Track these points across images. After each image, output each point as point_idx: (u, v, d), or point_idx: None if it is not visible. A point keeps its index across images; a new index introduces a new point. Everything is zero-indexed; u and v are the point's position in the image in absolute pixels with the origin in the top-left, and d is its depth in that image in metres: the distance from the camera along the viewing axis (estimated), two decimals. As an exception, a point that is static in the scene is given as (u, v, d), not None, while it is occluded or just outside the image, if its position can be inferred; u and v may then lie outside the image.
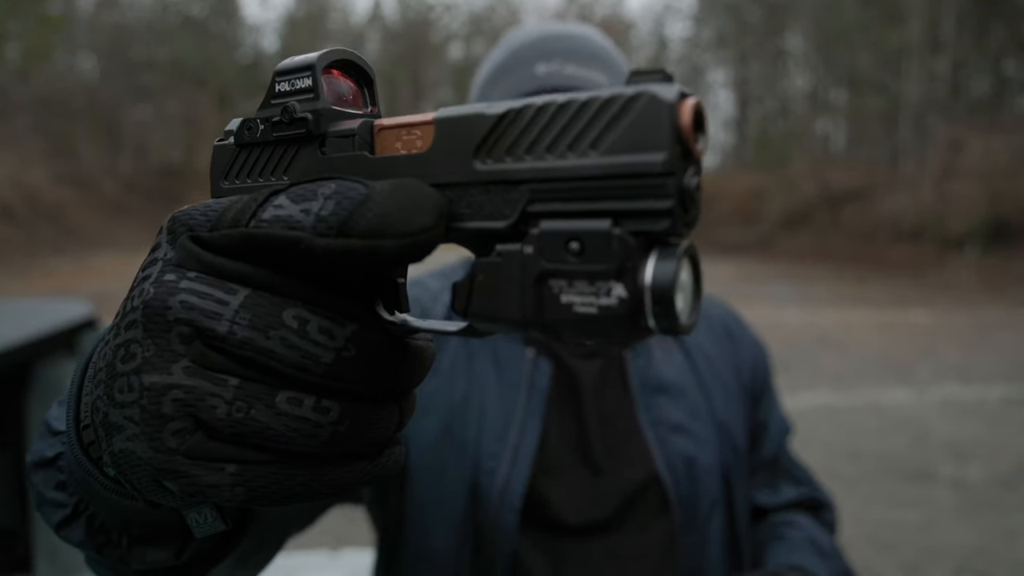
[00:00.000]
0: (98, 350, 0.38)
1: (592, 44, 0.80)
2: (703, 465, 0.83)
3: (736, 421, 0.89)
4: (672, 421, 0.84)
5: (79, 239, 26.31)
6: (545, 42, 0.79)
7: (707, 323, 0.94)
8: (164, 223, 0.35)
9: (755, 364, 0.95)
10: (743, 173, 38.35)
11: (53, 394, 1.99)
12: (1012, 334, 10.70)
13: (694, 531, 0.82)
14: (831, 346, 9.45)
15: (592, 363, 0.86)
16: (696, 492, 0.82)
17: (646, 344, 0.88)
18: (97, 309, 2.09)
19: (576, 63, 0.76)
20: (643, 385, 0.85)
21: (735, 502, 0.86)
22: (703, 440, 0.84)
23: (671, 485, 0.81)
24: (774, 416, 0.97)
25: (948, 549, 3.97)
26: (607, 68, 0.78)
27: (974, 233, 19.21)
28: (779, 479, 0.95)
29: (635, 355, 0.87)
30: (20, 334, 1.68)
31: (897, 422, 6.22)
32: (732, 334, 0.95)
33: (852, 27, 27.32)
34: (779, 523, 0.93)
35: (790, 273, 21.54)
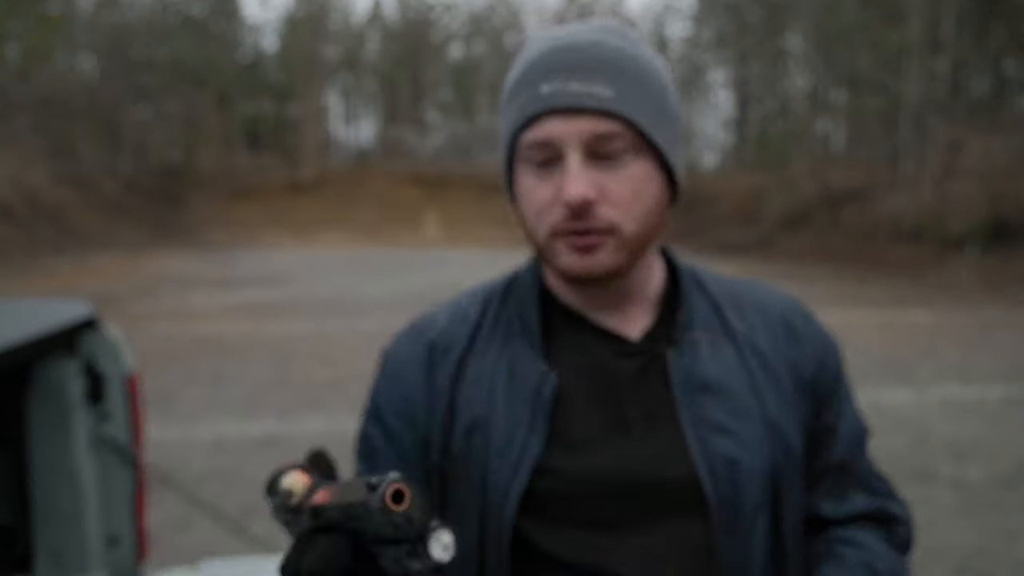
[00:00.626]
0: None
1: (599, 53, 0.77)
2: (746, 467, 0.81)
3: (791, 423, 0.85)
4: (714, 421, 0.82)
5: (79, 239, 26.30)
6: (550, 58, 0.78)
7: (764, 318, 0.90)
8: None
9: (821, 362, 0.90)
10: (743, 173, 38.37)
11: (54, 393, 1.99)
12: (1012, 334, 10.70)
13: (735, 535, 0.80)
14: (831, 346, 9.44)
15: (632, 361, 0.85)
16: (737, 495, 0.80)
17: (692, 340, 0.85)
18: (97, 309, 2.09)
19: (579, 79, 0.76)
20: (685, 383, 0.82)
21: (783, 508, 0.83)
22: (748, 442, 0.81)
23: (710, 486, 0.79)
24: (845, 419, 0.91)
25: (948, 549, 3.97)
26: (615, 76, 0.77)
27: (974, 233, 19.21)
28: (848, 488, 0.89)
29: (679, 353, 0.84)
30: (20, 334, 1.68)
31: (897, 422, 6.22)
32: (794, 329, 0.90)
33: (852, 27, 27.32)
34: (837, 539, 0.88)
35: (790, 273, 21.54)
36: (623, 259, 0.80)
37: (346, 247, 32.47)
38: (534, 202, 0.80)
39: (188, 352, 8.83)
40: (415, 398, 0.87)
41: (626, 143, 0.78)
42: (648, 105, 0.79)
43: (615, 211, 0.78)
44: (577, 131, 0.76)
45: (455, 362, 0.87)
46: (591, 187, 0.76)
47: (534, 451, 0.81)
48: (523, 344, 0.86)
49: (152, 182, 37.93)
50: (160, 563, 3.73)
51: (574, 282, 0.83)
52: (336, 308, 12.71)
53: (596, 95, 0.76)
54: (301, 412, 6.36)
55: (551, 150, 0.77)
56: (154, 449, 5.40)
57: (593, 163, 0.77)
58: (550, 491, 0.81)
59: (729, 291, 0.93)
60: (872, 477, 0.93)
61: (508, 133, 0.82)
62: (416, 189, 42.56)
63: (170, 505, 4.46)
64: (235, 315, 11.98)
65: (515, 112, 0.80)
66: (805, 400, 0.88)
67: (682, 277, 0.90)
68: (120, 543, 2.09)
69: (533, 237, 0.82)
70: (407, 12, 56.48)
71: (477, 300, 0.92)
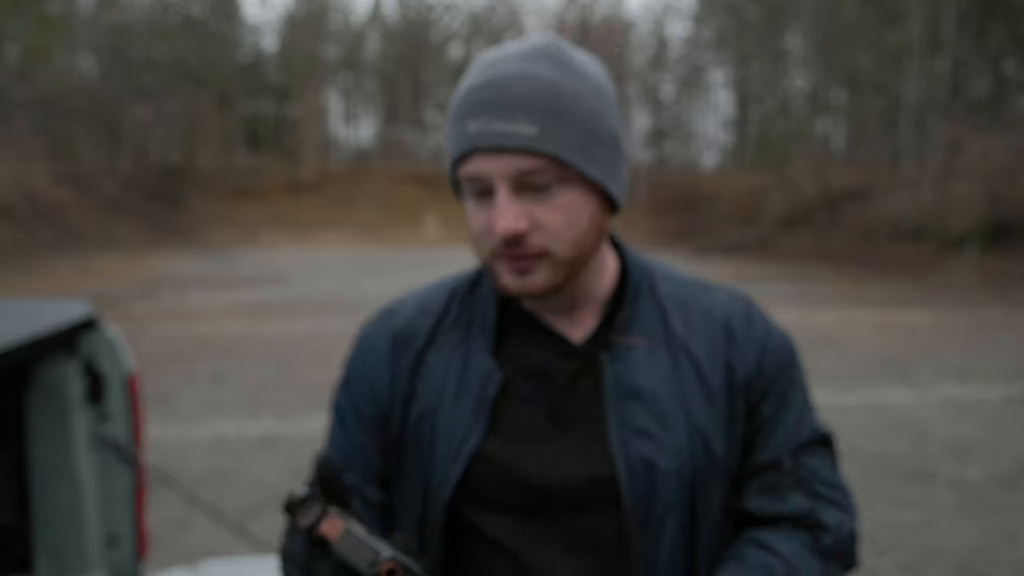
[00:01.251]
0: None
1: (524, 89, 0.79)
2: (662, 469, 0.86)
3: (716, 426, 0.89)
4: (637, 425, 0.87)
5: (79, 239, 26.29)
6: (477, 94, 0.81)
7: (707, 322, 0.91)
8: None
9: (759, 365, 0.93)
10: (743, 173, 38.37)
11: (54, 393, 1.99)
12: (1012, 334, 10.71)
13: (647, 530, 0.86)
14: (831, 346, 9.45)
15: (570, 363, 0.91)
16: (651, 494, 0.86)
17: (628, 345, 0.90)
18: (97, 309, 2.08)
19: (503, 119, 0.79)
20: (615, 389, 0.89)
21: (698, 507, 0.88)
22: (668, 446, 0.86)
23: (627, 485, 0.86)
24: (784, 420, 0.93)
25: (948, 549, 3.97)
26: (538, 113, 0.79)
27: (974, 233, 19.20)
28: (783, 488, 0.92)
29: (612, 359, 0.90)
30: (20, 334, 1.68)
31: (897, 422, 6.22)
32: (733, 334, 0.93)
33: (852, 27, 27.29)
34: (749, 539, 0.91)
35: (790, 273, 21.53)
36: (559, 278, 0.85)
37: (346, 247, 32.48)
38: (474, 227, 0.86)
39: (188, 352, 8.83)
40: (378, 379, 0.96)
41: (552, 176, 0.81)
42: (573, 136, 0.81)
43: (547, 239, 0.82)
44: (502, 168, 0.80)
45: (415, 353, 0.95)
46: (520, 219, 0.81)
47: (473, 441, 0.88)
48: (478, 339, 0.93)
49: (152, 182, 37.91)
50: (160, 563, 3.73)
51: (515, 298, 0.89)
52: (336, 308, 12.71)
53: (518, 134, 0.80)
54: (301, 412, 6.36)
55: (482, 184, 0.82)
56: (154, 449, 5.40)
57: (522, 195, 0.82)
58: (484, 478, 0.88)
59: (679, 295, 0.96)
60: (818, 482, 0.93)
61: (449, 159, 0.87)
62: (416, 189, 42.55)
63: (170, 505, 4.46)
64: (235, 315, 11.97)
65: (452, 143, 0.86)
66: (739, 402, 0.92)
67: (631, 280, 0.94)
68: (120, 543, 2.09)
69: (477, 254, 0.89)
70: (407, 12, 56.47)
71: (445, 291, 1.00)
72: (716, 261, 26.31)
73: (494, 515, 0.89)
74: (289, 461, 5.17)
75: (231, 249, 30.18)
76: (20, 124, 30.68)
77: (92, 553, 2.04)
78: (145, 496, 2.16)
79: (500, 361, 0.92)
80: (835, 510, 0.93)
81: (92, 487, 2.05)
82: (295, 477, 4.84)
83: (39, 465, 2.02)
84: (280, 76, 52.99)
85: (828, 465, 0.96)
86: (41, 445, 2.01)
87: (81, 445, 2.02)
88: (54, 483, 2.01)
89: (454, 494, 0.89)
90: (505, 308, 0.95)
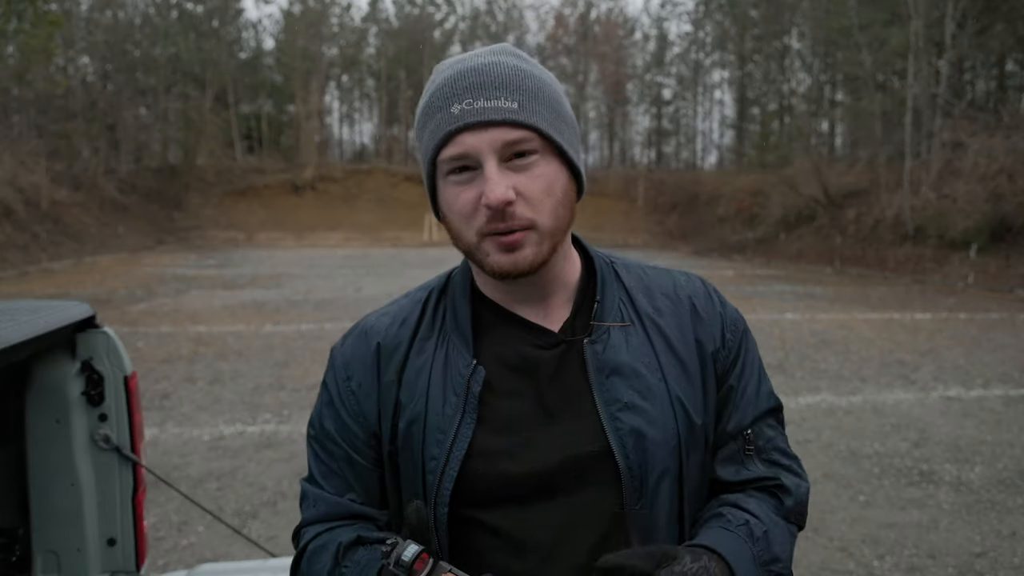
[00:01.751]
0: None
1: (499, 72, 0.88)
2: (652, 438, 0.91)
3: (693, 397, 0.96)
4: (623, 400, 0.92)
5: (78, 239, 26.29)
6: (455, 82, 0.88)
7: (672, 302, 1.01)
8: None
9: (722, 337, 1.01)
10: (743, 173, 38.35)
11: (53, 394, 1.98)
12: (1012, 334, 10.70)
13: (643, 499, 0.91)
14: (832, 346, 9.44)
15: (552, 351, 0.95)
16: (644, 464, 0.91)
17: (605, 328, 0.96)
18: (96, 309, 2.08)
19: (485, 97, 0.86)
20: (598, 369, 0.94)
21: (684, 474, 0.94)
22: (654, 417, 0.93)
23: (620, 457, 0.90)
24: (743, 391, 1.01)
25: (949, 551, 3.96)
26: (515, 91, 0.87)
27: (975, 233, 19.20)
28: (747, 457, 0.99)
29: (591, 341, 0.95)
30: (20, 334, 1.67)
31: (897, 422, 6.21)
32: (697, 310, 1.01)
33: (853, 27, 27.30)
34: (724, 502, 0.97)
35: (790, 273, 21.53)
36: (545, 251, 0.89)
37: (345, 247, 32.48)
38: (459, 209, 0.89)
39: (187, 352, 8.82)
40: (365, 396, 0.98)
41: (534, 145, 0.87)
42: (547, 113, 0.89)
43: (531, 208, 0.87)
44: (489, 141, 0.86)
45: (399, 362, 0.98)
46: (509, 189, 0.85)
47: (466, 437, 0.91)
48: (456, 340, 0.97)
49: (151, 182, 37.90)
50: (159, 564, 3.73)
51: (503, 278, 0.91)
52: (335, 308, 12.71)
53: (502, 108, 0.86)
54: (300, 413, 6.35)
55: (469, 161, 0.87)
56: (153, 450, 5.40)
57: (507, 168, 0.87)
58: (481, 472, 0.91)
59: (641, 278, 1.03)
60: (774, 451, 1.01)
61: (427, 154, 0.91)
62: (415, 189, 42.54)
63: (169, 506, 4.45)
64: (234, 315, 11.97)
65: (431, 134, 0.89)
66: (710, 373, 0.99)
67: (598, 269, 1.01)
68: (119, 544, 2.08)
69: (461, 242, 0.92)
70: (406, 12, 56.47)
71: (416, 302, 1.04)
72: (716, 261, 26.32)
73: (493, 506, 0.92)
74: (288, 462, 5.16)
75: (230, 249, 30.19)
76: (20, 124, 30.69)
77: (91, 554, 2.03)
78: (144, 497, 2.16)
79: (481, 358, 0.95)
80: (791, 475, 1.01)
81: (91, 488, 2.04)
82: (294, 478, 4.84)
83: (38, 466, 2.01)
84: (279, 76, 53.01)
85: (780, 434, 1.04)
86: (40, 446, 2.00)
87: (80, 446, 2.01)
88: (53, 484, 2.01)
89: (455, 494, 0.91)
90: (479, 307, 0.99)
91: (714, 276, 19.83)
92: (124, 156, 39.80)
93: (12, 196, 23.81)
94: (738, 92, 51.16)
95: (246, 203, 39.65)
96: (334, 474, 0.99)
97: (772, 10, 42.18)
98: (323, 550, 0.95)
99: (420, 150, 0.94)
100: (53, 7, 30.46)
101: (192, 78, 45.39)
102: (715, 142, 58.31)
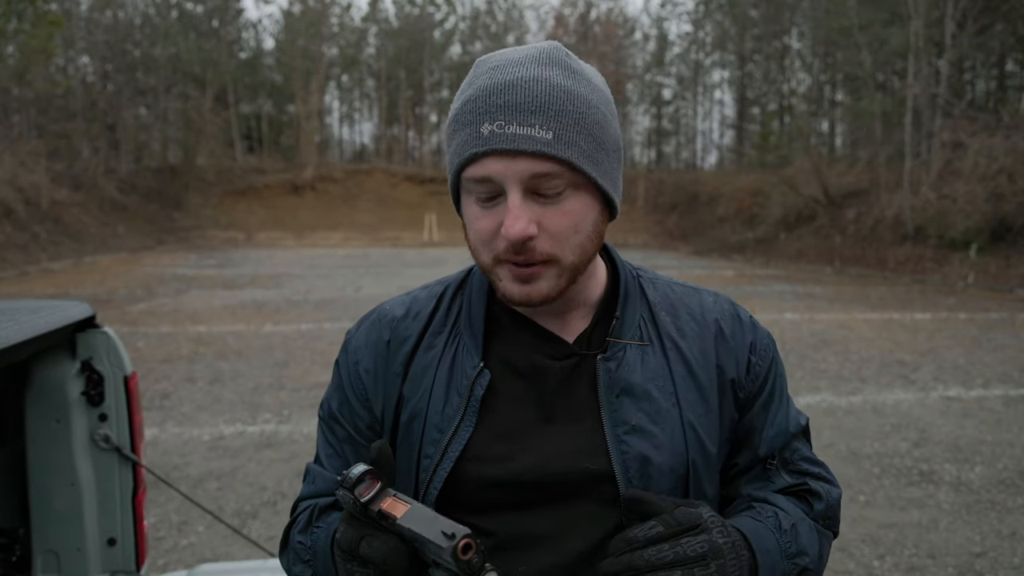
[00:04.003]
0: (337, 553, 0.85)
1: (538, 93, 0.81)
2: (658, 465, 0.88)
3: (709, 425, 0.93)
4: (631, 422, 0.89)
5: (78, 240, 26.29)
6: (490, 98, 0.81)
7: (697, 324, 0.97)
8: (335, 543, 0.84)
9: (747, 364, 0.96)
10: (743, 173, 38.34)
11: (52, 394, 1.98)
12: (1012, 334, 10.70)
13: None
14: (832, 346, 9.44)
15: (563, 363, 0.92)
16: (647, 489, 0.87)
17: (622, 346, 0.92)
18: (96, 309, 2.08)
19: (518, 121, 0.80)
20: (609, 387, 0.90)
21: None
22: (662, 442, 0.89)
23: (623, 482, 0.87)
24: (773, 419, 0.97)
25: (949, 551, 3.96)
26: (552, 118, 0.80)
27: (974, 233, 19.20)
28: (770, 470, 0.96)
29: (605, 358, 0.91)
30: (20, 334, 1.67)
31: (897, 422, 6.21)
32: (723, 334, 0.97)
33: (853, 27, 27.29)
34: (755, 499, 0.95)
35: (790, 273, 21.53)
36: (562, 285, 0.86)
37: (345, 247, 32.47)
38: (479, 232, 0.85)
39: (187, 352, 8.82)
40: (371, 382, 0.97)
41: (564, 181, 0.82)
42: (585, 143, 0.82)
43: (554, 244, 0.83)
44: (516, 171, 0.80)
45: (407, 355, 0.96)
46: (531, 223, 0.81)
47: (463, 438, 0.89)
48: (467, 339, 0.94)
49: (151, 182, 37.89)
50: (159, 564, 3.73)
51: (515, 306, 0.89)
52: (335, 308, 12.71)
53: (534, 138, 0.79)
54: (300, 413, 6.35)
55: (492, 187, 0.82)
56: (153, 450, 5.40)
57: (533, 199, 0.82)
58: (474, 475, 0.89)
59: (667, 297, 0.99)
60: (801, 460, 0.98)
61: (452, 166, 0.86)
62: (415, 189, 42.56)
63: (169, 506, 4.45)
64: (234, 315, 11.97)
65: (458, 148, 0.84)
66: (729, 400, 0.95)
67: (622, 284, 0.97)
68: (119, 544, 2.08)
69: (477, 260, 0.88)
70: (406, 12, 56.45)
71: (432, 296, 1.01)
72: (716, 261, 26.31)
73: (482, 514, 0.90)
74: (288, 462, 5.16)
75: (230, 249, 30.18)
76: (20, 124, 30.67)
77: (91, 554, 2.03)
78: (144, 497, 2.16)
79: (490, 361, 0.93)
80: (820, 482, 0.98)
81: (91, 488, 2.04)
82: (294, 478, 4.84)
83: (38, 466, 2.01)
84: (279, 76, 53.00)
85: (807, 447, 1.01)
86: (40, 446, 2.00)
87: (80, 446, 2.01)
88: (53, 484, 2.01)
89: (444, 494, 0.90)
90: (494, 308, 0.96)
91: (714, 276, 19.83)
92: (124, 156, 39.80)
93: (12, 196, 23.81)
94: (738, 92, 51.15)
95: (246, 203, 39.64)
96: (336, 455, 0.99)
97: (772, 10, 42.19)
98: (304, 514, 0.97)
99: (447, 154, 0.89)
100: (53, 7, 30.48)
101: (192, 78, 45.36)
102: (715, 142, 58.37)
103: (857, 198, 26.44)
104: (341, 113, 61.43)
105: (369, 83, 58.35)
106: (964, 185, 20.32)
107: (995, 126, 21.67)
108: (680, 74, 55.69)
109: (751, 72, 49.22)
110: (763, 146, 40.62)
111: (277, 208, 39.63)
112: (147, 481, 2.19)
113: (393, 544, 0.77)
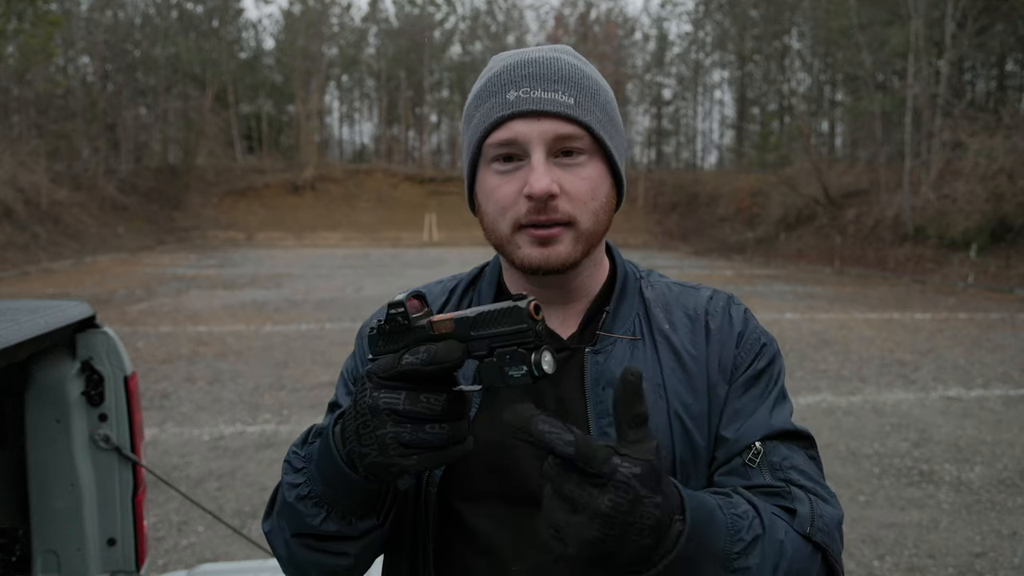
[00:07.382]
0: (346, 424, 0.79)
1: (559, 67, 0.89)
2: None
3: (698, 417, 0.93)
4: None
5: (78, 240, 26.29)
6: (515, 69, 0.89)
7: (689, 320, 0.98)
8: (365, 378, 0.77)
9: (735, 356, 0.96)
10: (743, 173, 38.34)
11: (52, 394, 1.98)
12: (1012, 334, 10.70)
13: None
14: (832, 346, 9.44)
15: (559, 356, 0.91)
16: None
17: (611, 340, 0.95)
18: (96, 309, 2.08)
19: (542, 88, 0.87)
20: (595, 379, 0.92)
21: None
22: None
23: None
24: (755, 411, 0.93)
25: (949, 551, 3.96)
26: (573, 87, 0.88)
27: (974, 233, 19.20)
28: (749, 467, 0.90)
29: (594, 351, 0.94)
30: (20, 334, 1.67)
31: (897, 422, 6.21)
32: (711, 330, 0.97)
33: (853, 27, 27.30)
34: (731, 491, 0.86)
35: (790, 273, 21.53)
36: (579, 251, 0.89)
37: (345, 247, 32.46)
38: (498, 199, 0.89)
39: (187, 352, 8.81)
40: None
41: (584, 144, 0.87)
42: (601, 115, 0.89)
43: (573, 205, 0.87)
44: (541, 132, 0.86)
45: None
46: (554, 182, 0.85)
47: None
48: None
49: (151, 182, 37.89)
50: (159, 564, 3.73)
51: (533, 273, 0.90)
52: (335, 308, 12.70)
53: (558, 101, 0.86)
54: (300, 413, 6.35)
55: (517, 148, 0.87)
56: (153, 450, 5.40)
57: (554, 161, 0.87)
58: (469, 467, 0.91)
59: (664, 296, 1.01)
60: (792, 469, 0.90)
61: (475, 137, 0.90)
62: (415, 189, 42.56)
63: (169, 506, 4.45)
64: (234, 315, 11.96)
65: (482, 117, 0.89)
66: (719, 394, 0.94)
67: (619, 281, 1.00)
68: (119, 544, 2.08)
69: (494, 233, 0.91)
70: (406, 12, 56.45)
71: (445, 290, 1.05)
72: (716, 261, 26.31)
73: (481, 505, 0.92)
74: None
75: (230, 249, 30.17)
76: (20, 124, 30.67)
77: (91, 554, 2.03)
78: (144, 497, 2.16)
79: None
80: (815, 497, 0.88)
81: (91, 488, 2.04)
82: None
83: (38, 466, 2.01)
84: (279, 76, 52.99)
85: (804, 458, 0.93)
86: (40, 446, 2.00)
87: (80, 446, 2.01)
88: (53, 484, 2.01)
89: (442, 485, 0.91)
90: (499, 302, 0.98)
91: (714, 276, 19.82)
92: (124, 156, 39.80)
93: (12, 196, 23.81)
94: (738, 92, 51.14)
95: (246, 203, 39.64)
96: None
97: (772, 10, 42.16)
98: (302, 435, 0.94)
99: (466, 136, 0.93)
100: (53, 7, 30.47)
101: (192, 78, 45.36)
102: (715, 142, 58.37)
103: (857, 198, 26.44)
104: (341, 113, 61.44)
105: (369, 83, 58.34)
106: (964, 185, 20.33)
107: (995, 126, 21.67)
108: (680, 74, 55.69)
109: (751, 72, 49.20)
110: (763, 146, 40.63)
111: (277, 208, 39.62)
112: (147, 481, 2.19)
113: (454, 348, 0.73)
